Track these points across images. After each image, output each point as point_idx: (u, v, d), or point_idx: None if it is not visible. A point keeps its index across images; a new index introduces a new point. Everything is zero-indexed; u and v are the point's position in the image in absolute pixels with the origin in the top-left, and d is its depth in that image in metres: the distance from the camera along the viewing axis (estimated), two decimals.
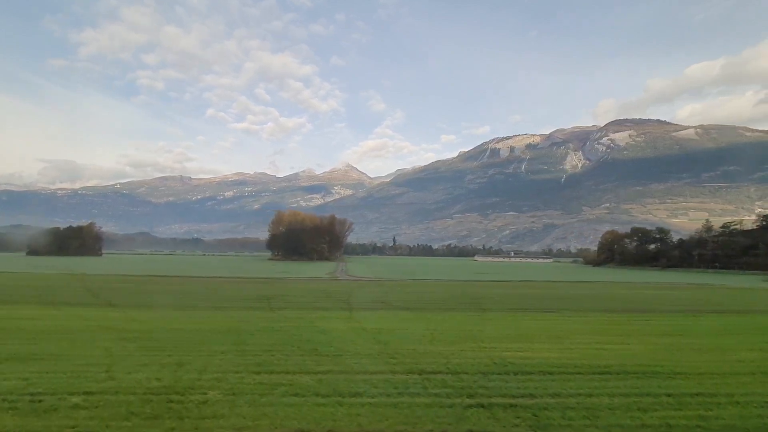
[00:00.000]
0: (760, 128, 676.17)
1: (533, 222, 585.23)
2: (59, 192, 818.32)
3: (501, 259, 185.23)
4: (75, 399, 7.76)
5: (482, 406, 7.80)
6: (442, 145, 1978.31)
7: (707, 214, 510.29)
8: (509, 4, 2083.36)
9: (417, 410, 7.53)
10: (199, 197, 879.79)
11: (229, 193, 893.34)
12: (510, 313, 23.86)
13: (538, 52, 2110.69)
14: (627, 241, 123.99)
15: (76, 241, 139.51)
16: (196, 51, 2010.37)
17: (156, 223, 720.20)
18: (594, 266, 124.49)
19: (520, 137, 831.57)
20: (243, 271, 75.99)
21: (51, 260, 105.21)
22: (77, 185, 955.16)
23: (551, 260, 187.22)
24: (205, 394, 8.15)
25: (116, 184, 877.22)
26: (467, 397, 8.23)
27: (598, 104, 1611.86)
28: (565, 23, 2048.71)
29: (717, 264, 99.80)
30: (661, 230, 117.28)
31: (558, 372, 10.14)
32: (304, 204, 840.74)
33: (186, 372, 9.64)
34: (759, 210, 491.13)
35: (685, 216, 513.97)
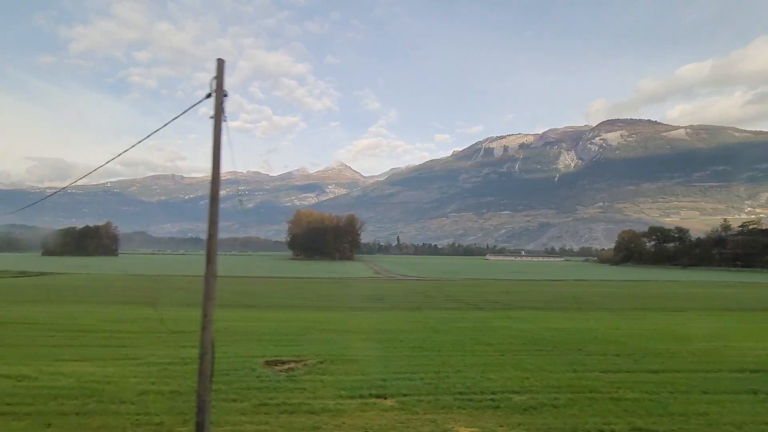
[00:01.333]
0: (749, 129, 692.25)
1: (528, 221, 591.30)
2: (48, 190, 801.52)
3: (512, 258, 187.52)
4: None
5: None
6: (436, 145, 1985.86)
7: (698, 213, 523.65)
8: (504, 4, 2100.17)
9: None
10: (191, 196, 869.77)
11: (222, 192, 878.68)
12: (670, 313, 25.07)
13: (531, 52, 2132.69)
14: (645, 240, 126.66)
15: (93, 241, 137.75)
16: (189, 48, 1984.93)
17: (148, 223, 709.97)
18: (612, 265, 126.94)
19: (514, 137, 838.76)
20: (293, 271, 76.23)
21: (78, 260, 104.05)
22: (66, 184, 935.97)
23: (562, 259, 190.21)
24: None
25: (107, 183, 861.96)
26: None
27: (590, 104, 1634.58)
28: (558, 23, 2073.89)
29: (739, 263, 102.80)
30: (679, 230, 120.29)
31: None
32: (298, 203, 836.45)
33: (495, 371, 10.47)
34: (749, 209, 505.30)
35: (677, 215, 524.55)
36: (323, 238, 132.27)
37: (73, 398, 8.15)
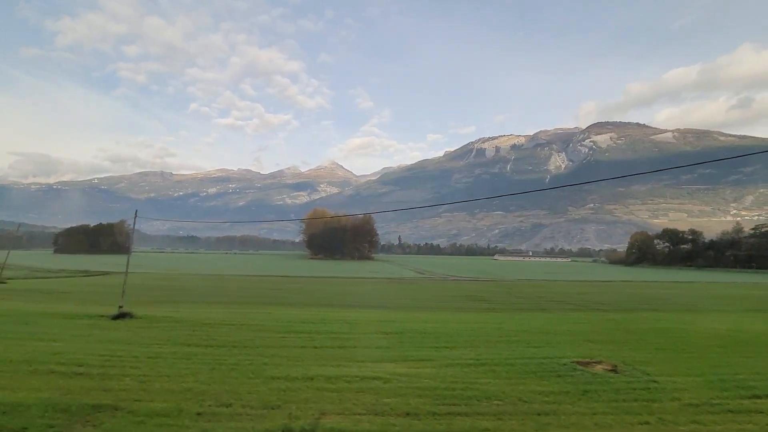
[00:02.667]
0: (733, 133, 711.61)
1: (521, 221, 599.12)
2: (33, 186, 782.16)
3: (520, 258, 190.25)
4: None
5: None
6: (428, 144, 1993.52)
7: (686, 215, 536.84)
8: (497, 5, 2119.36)
9: None
10: (181, 193, 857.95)
11: (212, 190, 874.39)
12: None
13: (523, 53, 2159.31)
14: (658, 242, 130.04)
15: (108, 239, 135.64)
16: (180, 44, 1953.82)
17: (137, 220, 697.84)
18: (626, 266, 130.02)
19: (506, 138, 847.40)
20: (333, 271, 76.59)
21: (101, 259, 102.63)
22: (52, 179, 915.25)
23: (568, 260, 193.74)
24: None
25: (94, 179, 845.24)
26: None
27: (580, 106, 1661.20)
28: (550, 26, 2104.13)
29: (754, 264, 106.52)
30: (693, 231, 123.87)
31: None
32: (290, 202, 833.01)
33: None
34: (734, 212, 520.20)
35: (666, 216, 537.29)
36: (343, 237, 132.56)
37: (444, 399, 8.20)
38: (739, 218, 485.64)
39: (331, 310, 25.41)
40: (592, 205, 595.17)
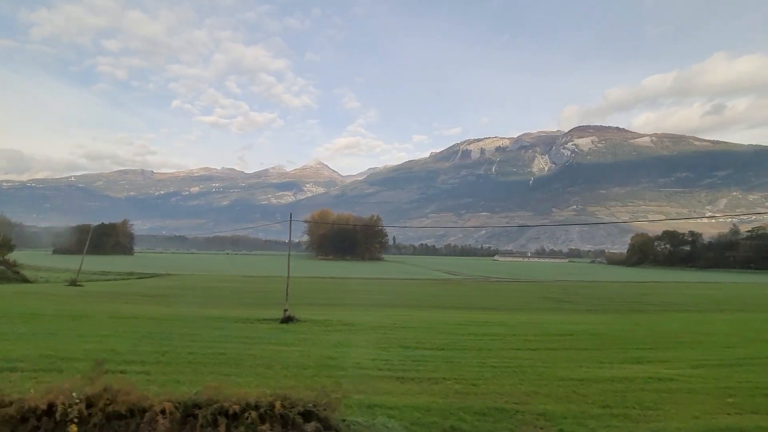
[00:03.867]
0: (707, 138, 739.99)
1: (507, 222, 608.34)
2: (4, 184, 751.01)
3: (521, 259, 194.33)
4: None
5: None
6: (414, 145, 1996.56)
7: (664, 216, 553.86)
8: (482, 9, 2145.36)
9: None
10: (162, 192, 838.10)
11: (194, 189, 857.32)
12: None
13: (507, 56, 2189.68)
14: (659, 243, 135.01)
15: (111, 239, 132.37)
16: (163, 39, 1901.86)
17: (116, 219, 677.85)
18: (628, 267, 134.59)
19: (491, 140, 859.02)
20: (359, 272, 77.19)
21: (108, 259, 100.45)
22: (25, 177, 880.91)
23: (566, 260, 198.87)
24: None
25: (70, 177, 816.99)
26: None
27: (562, 110, 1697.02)
28: (532, 30, 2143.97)
29: (752, 265, 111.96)
30: (692, 233, 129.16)
31: None
32: (275, 201, 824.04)
33: None
34: (709, 214, 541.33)
35: (645, 218, 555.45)
36: (353, 238, 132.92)
37: None
38: (713, 220, 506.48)
39: (469, 313, 26.33)
40: (575, 206, 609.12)
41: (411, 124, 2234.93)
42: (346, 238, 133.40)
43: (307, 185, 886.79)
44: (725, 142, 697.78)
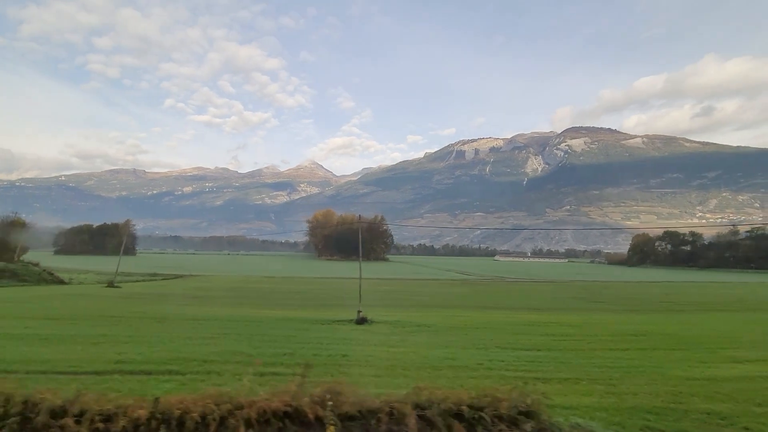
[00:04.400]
0: (697, 139, 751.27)
1: (502, 222, 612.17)
2: None
3: (521, 259, 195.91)
4: None
5: None
6: (408, 145, 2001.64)
7: (656, 217, 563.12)
8: (476, 10, 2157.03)
9: None
10: (154, 192, 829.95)
11: (187, 189, 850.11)
12: None
13: (501, 58, 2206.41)
14: (660, 243, 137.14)
15: (113, 240, 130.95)
16: (156, 37, 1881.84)
17: (107, 219, 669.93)
18: (629, 266, 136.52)
19: (485, 140, 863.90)
20: (388, 274, 77.46)
21: (112, 260, 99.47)
22: (14, 176, 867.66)
23: (566, 260, 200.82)
24: None
25: (60, 176, 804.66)
26: None
27: (555, 111, 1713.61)
28: (527, 32, 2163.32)
29: (752, 265, 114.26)
30: (693, 234, 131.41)
31: None
32: (269, 201, 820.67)
33: None
34: (700, 214, 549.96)
35: (637, 219, 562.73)
36: (357, 238, 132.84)
37: None
38: (704, 221, 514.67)
39: (517, 313, 26.86)
40: (568, 207, 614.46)
41: (405, 124, 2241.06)
42: (350, 238, 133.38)
43: (302, 185, 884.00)
44: (714, 144, 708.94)
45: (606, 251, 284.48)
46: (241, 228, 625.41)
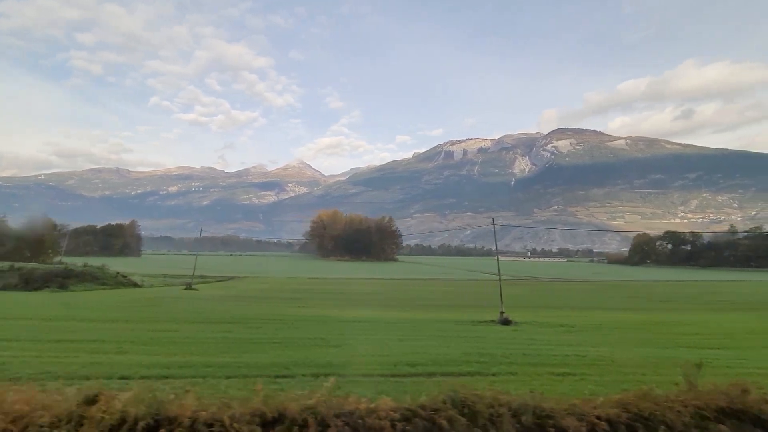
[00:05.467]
0: (678, 141, 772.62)
1: (490, 223, 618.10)
2: None
3: (522, 259, 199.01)
4: None
5: None
6: (397, 145, 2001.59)
7: (640, 217, 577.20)
8: (465, 12, 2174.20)
9: None
10: (139, 191, 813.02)
11: (173, 188, 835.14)
12: None
13: (489, 59, 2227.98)
14: (661, 243, 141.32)
15: (119, 241, 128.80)
16: (141, 34, 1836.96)
17: (90, 219, 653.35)
18: (631, 266, 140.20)
19: (473, 141, 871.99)
20: (400, 273, 78.25)
21: (122, 261, 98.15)
22: None
23: (565, 260, 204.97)
24: None
25: (40, 175, 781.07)
26: None
27: (542, 113, 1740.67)
28: (514, 34, 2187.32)
29: (752, 263, 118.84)
30: (693, 233, 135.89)
31: None
32: (257, 201, 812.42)
33: None
34: (681, 214, 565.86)
35: (622, 219, 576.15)
36: (368, 238, 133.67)
37: None
38: (685, 220, 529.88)
39: (614, 313, 27.97)
40: (556, 207, 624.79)
41: (394, 125, 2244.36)
42: (360, 238, 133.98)
43: (290, 185, 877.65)
44: (694, 146, 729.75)
45: (597, 250, 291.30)
46: (229, 228, 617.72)
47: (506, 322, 21.30)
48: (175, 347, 11.70)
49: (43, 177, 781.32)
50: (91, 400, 2.83)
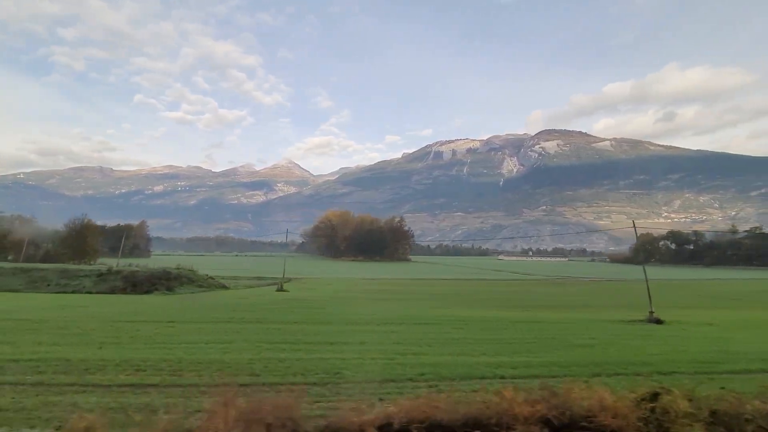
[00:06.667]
0: (660, 143, 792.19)
1: (481, 222, 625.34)
2: None
3: (524, 258, 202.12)
4: None
5: None
6: (386, 146, 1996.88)
7: (625, 217, 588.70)
8: (455, 13, 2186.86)
9: None
10: (123, 191, 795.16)
11: (158, 187, 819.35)
12: None
13: (478, 60, 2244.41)
14: (664, 242, 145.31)
15: (128, 242, 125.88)
16: (126, 29, 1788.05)
17: (73, 219, 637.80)
18: (635, 265, 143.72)
19: (462, 141, 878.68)
20: (422, 273, 78.73)
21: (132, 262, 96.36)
22: None
23: (566, 259, 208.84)
24: None
25: (19, 174, 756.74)
26: None
27: (530, 113, 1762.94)
28: (504, 36, 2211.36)
29: (755, 262, 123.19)
30: (695, 233, 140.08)
31: None
32: (245, 201, 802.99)
33: None
34: (665, 214, 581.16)
35: (609, 218, 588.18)
36: (381, 239, 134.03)
37: None
38: (669, 220, 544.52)
39: (702, 311, 28.99)
40: (544, 207, 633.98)
41: (383, 125, 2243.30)
42: (374, 238, 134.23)
43: (279, 184, 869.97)
44: (676, 147, 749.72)
45: (589, 249, 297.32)
46: (219, 228, 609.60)
47: (657, 321, 22.06)
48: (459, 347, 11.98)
49: (22, 176, 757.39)
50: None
